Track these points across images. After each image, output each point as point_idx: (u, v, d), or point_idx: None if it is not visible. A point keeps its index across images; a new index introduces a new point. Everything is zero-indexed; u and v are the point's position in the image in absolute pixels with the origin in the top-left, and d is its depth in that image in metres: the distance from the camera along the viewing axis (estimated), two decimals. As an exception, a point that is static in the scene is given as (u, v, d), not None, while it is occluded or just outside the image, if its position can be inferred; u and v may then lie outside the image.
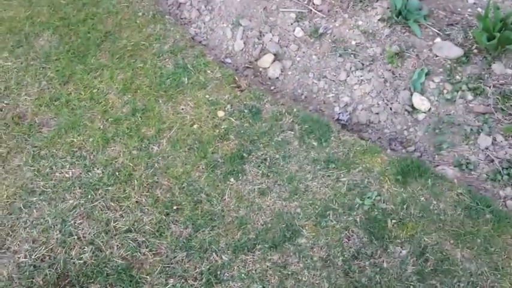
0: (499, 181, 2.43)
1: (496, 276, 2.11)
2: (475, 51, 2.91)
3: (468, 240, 2.21)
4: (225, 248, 2.29)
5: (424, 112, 2.77)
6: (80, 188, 2.54)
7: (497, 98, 2.70)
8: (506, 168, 2.46)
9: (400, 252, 2.21)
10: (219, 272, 2.22)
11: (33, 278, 2.23)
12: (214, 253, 2.28)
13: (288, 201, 2.42)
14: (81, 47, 3.28)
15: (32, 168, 2.64)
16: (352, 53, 3.06)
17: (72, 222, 2.41)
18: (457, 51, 2.89)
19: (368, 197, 2.38)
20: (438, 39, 3.00)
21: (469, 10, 3.17)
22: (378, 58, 3.00)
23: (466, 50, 2.91)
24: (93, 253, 2.30)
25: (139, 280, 2.20)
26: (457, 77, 2.82)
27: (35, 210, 2.47)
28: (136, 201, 2.47)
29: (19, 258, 2.31)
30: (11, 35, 3.39)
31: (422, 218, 2.30)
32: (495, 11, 2.82)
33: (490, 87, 2.73)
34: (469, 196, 2.33)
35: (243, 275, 2.20)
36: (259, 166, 2.57)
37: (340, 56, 3.07)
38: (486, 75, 2.79)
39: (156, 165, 2.62)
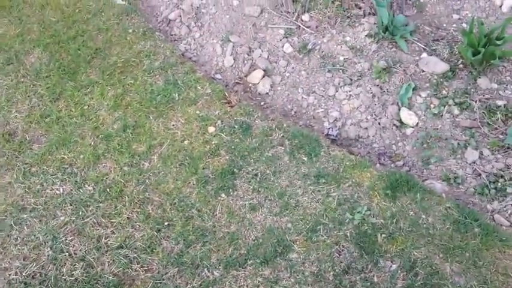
0: (486, 195, 2.47)
1: (485, 289, 2.14)
2: (461, 66, 2.95)
3: (457, 254, 2.23)
4: (217, 263, 2.30)
5: (412, 127, 2.80)
6: (71, 205, 2.55)
7: (483, 113, 2.74)
8: (493, 182, 2.50)
9: (391, 266, 2.23)
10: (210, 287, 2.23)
11: (24, 296, 2.23)
12: (205, 269, 2.29)
13: (278, 216, 2.44)
14: (72, 64, 3.29)
15: (23, 185, 2.65)
16: (340, 69, 3.10)
17: (63, 239, 2.42)
18: (443, 67, 2.94)
19: (358, 212, 2.40)
20: (424, 55, 3.05)
21: (454, 25, 3.23)
22: (366, 73, 3.04)
23: (452, 65, 2.95)
24: (84, 270, 2.30)
25: (131, 297, 2.21)
26: (444, 91, 2.87)
27: (25, 227, 2.47)
28: (128, 218, 2.48)
29: (10, 275, 2.31)
30: (1, 53, 3.40)
31: (411, 232, 2.32)
32: (479, 26, 2.87)
33: (476, 102, 2.78)
34: (457, 210, 2.36)
35: (234, 290, 2.22)
36: (250, 181, 2.59)
37: (329, 71, 3.11)
38: (472, 90, 2.84)
39: (147, 181, 2.63)
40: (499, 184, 2.48)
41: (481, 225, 2.29)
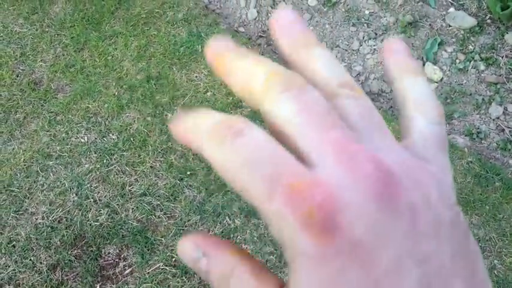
0: (509, 150, 2.46)
1: (504, 242, 2.16)
2: (489, 21, 2.90)
3: (477, 207, 2.24)
4: (238, 212, 2.34)
5: (437, 82, 2.78)
6: (95, 153, 2.59)
7: (510, 68, 2.70)
8: (517, 138, 2.49)
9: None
10: (232, 235, 2.27)
11: (50, 239, 2.30)
12: (227, 217, 2.33)
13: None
14: (96, 14, 3.30)
15: (48, 133, 2.70)
16: (365, 23, 3.07)
17: (88, 185, 2.47)
18: (470, 21, 2.89)
19: (379, 165, 2.41)
20: (452, 9, 2.99)
21: (484, -20, 3.16)
22: (391, 28, 3.00)
23: (480, 20, 2.90)
24: (109, 215, 2.36)
25: (154, 242, 2.27)
26: (470, 47, 2.83)
27: (51, 174, 2.53)
28: (151, 166, 2.52)
29: (37, 219, 2.37)
30: (26, 2, 3.41)
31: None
32: (510, -20, 2.81)
33: (502, 58, 2.74)
34: (479, 164, 2.36)
35: (255, 238, 2.26)
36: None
37: (354, 25, 3.07)
38: (499, 46, 2.80)
39: (170, 131, 2.66)
40: (523, 140, 2.47)
41: (502, 180, 2.29)
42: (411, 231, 0.22)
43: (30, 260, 2.23)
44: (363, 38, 3.02)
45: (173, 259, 2.23)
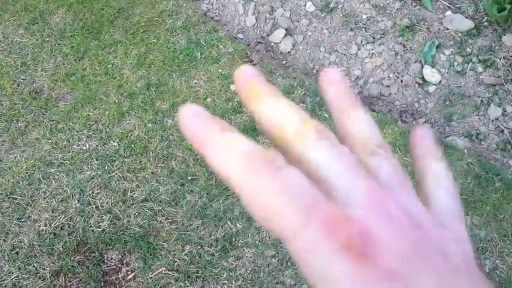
0: (508, 151, 2.47)
1: (505, 242, 2.16)
2: (486, 23, 2.92)
3: (478, 208, 2.25)
4: (239, 216, 2.35)
5: (435, 84, 2.80)
6: (97, 160, 2.61)
7: (508, 70, 2.72)
8: (516, 138, 2.50)
9: (411, 219, 2.25)
10: (233, 239, 2.28)
11: (53, 245, 2.31)
12: (228, 221, 2.34)
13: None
14: (95, 23, 3.32)
15: (50, 141, 2.71)
16: (363, 27, 3.09)
17: (90, 192, 2.48)
18: (467, 24, 2.91)
19: (379, 167, 2.42)
20: (449, 12, 3.02)
21: (480, -17, 3.18)
22: (389, 31, 3.02)
23: (477, 23, 2.92)
24: (111, 221, 2.37)
25: (156, 247, 2.27)
26: (468, 49, 2.85)
27: (53, 181, 2.54)
28: (152, 172, 2.54)
29: (39, 226, 2.38)
30: (26, 13, 3.44)
31: (432, 186, 2.34)
32: (506, -17, 2.84)
33: (500, 59, 2.76)
34: (479, 165, 2.37)
35: (257, 241, 2.27)
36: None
37: (351, 30, 3.10)
38: (496, 47, 2.81)
39: (170, 137, 2.68)
40: (522, 140, 2.48)
41: (502, 180, 2.30)
42: (442, 267, 0.25)
43: (34, 266, 2.24)
44: (361, 42, 3.04)
45: (175, 264, 2.23)
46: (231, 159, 0.27)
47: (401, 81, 2.86)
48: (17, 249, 2.29)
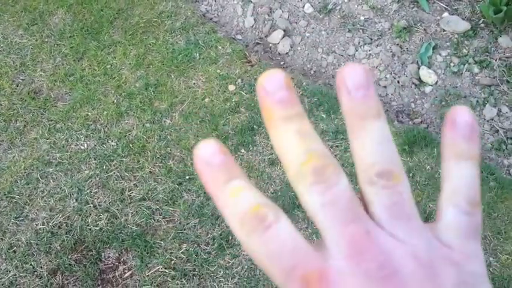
0: (503, 150, 2.48)
1: (499, 239, 2.18)
2: (482, 25, 2.94)
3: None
4: (236, 215, 2.36)
5: (431, 85, 2.81)
6: (95, 159, 2.62)
7: (503, 71, 2.74)
8: (511, 138, 2.51)
9: (406, 218, 2.27)
10: (230, 237, 2.30)
11: (51, 244, 2.32)
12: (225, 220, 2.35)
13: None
14: (95, 24, 3.34)
15: (48, 140, 2.73)
16: (360, 28, 3.11)
17: (88, 191, 2.50)
18: (464, 25, 2.93)
19: (375, 167, 2.43)
20: (446, 14, 3.03)
21: (477, -15, 3.20)
22: (386, 33, 3.04)
23: (473, 24, 2.94)
24: (108, 220, 2.39)
25: (153, 245, 2.29)
26: (464, 50, 2.86)
27: (51, 180, 2.56)
28: (150, 172, 2.55)
29: (37, 225, 2.40)
30: (25, 13, 3.46)
31: (427, 185, 2.35)
32: (502, -16, 2.85)
33: (496, 60, 2.77)
34: (474, 165, 2.38)
35: (253, 240, 2.28)
36: (269, 137, 2.63)
37: (349, 31, 3.11)
38: (492, 49, 2.83)
39: (168, 137, 2.69)
40: (517, 140, 2.50)
41: (496, 179, 2.32)
42: None
43: (31, 264, 2.25)
44: (359, 43, 3.05)
45: (172, 262, 2.25)
46: (229, 218, 0.29)
47: (398, 81, 2.88)
48: (15, 247, 2.30)
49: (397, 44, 2.98)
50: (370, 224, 0.28)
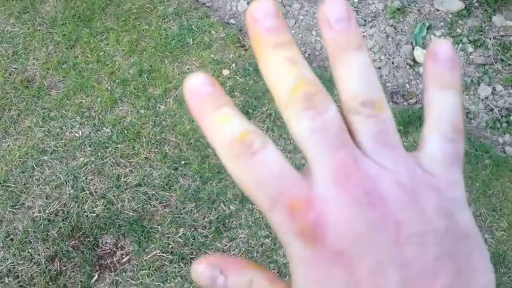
0: (498, 129, 2.49)
1: (494, 217, 2.18)
2: (476, 4, 2.93)
3: (467, 185, 2.27)
4: (232, 198, 2.36)
5: (426, 65, 2.80)
6: (90, 147, 2.62)
7: (497, 49, 2.73)
8: (505, 116, 2.51)
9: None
10: (227, 221, 2.30)
11: (48, 231, 2.32)
12: (222, 203, 2.35)
13: (293, 153, 2.49)
14: (87, 11, 3.32)
15: (43, 129, 2.72)
16: (354, 10, 3.09)
17: (84, 178, 2.49)
18: (458, 5, 2.92)
19: (370, 147, 2.43)
20: (439, -6, 3.02)
21: (470, -36, 3.19)
22: (380, 14, 3.03)
23: (467, 4, 2.93)
24: (105, 206, 2.38)
25: (150, 230, 2.29)
26: (458, 30, 2.85)
27: (47, 168, 2.55)
28: (146, 157, 2.55)
29: (33, 213, 2.39)
30: (16, 1, 3.43)
31: (423, 165, 2.36)
32: (495, -37, 2.84)
33: (490, 39, 2.77)
34: (469, 143, 2.39)
35: (250, 222, 2.28)
36: (264, 121, 2.63)
37: (342, 13, 3.09)
38: (486, 28, 2.82)
39: (163, 123, 2.69)
40: (511, 118, 2.50)
41: (491, 157, 2.32)
42: (393, 242, 0.26)
43: (28, 252, 2.25)
44: (352, 25, 3.04)
45: (169, 246, 2.25)
46: (217, 145, 0.29)
47: (393, 62, 2.87)
48: (12, 235, 2.30)
49: (391, 25, 2.97)
50: (357, 153, 0.28)
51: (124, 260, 2.23)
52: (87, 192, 2.43)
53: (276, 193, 0.27)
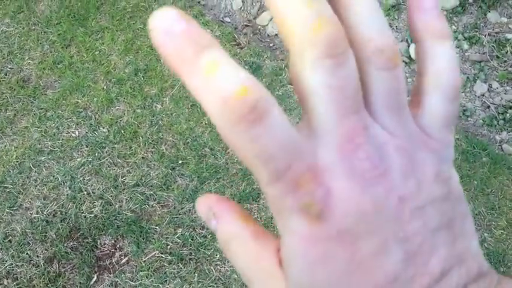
0: (495, 126, 2.50)
1: (493, 215, 2.20)
2: (470, 1, 2.94)
3: (466, 183, 2.28)
4: (231, 198, 2.36)
5: (422, 63, 2.81)
6: (87, 147, 2.61)
7: (493, 46, 2.74)
8: (502, 113, 2.52)
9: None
10: (225, 221, 2.30)
11: (46, 232, 2.31)
12: (220, 203, 2.35)
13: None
14: (81, 10, 3.31)
15: (39, 129, 2.71)
16: (349, 8, 3.09)
17: (81, 178, 2.49)
18: (452, 2, 2.92)
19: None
20: (434, -9, 3.02)
21: (465, -39, 3.19)
22: (375, 11, 3.03)
23: (462, 0, 2.94)
24: (103, 207, 2.38)
25: (148, 231, 2.29)
26: (453, 27, 2.86)
27: (44, 169, 2.54)
28: (143, 157, 2.54)
29: (31, 214, 2.39)
30: (11, 1, 3.41)
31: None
32: (490, -40, 2.85)
33: (485, 36, 2.77)
34: (466, 141, 2.40)
35: (248, 222, 2.28)
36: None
37: (338, 10, 3.10)
38: (481, 24, 2.83)
39: (160, 122, 2.68)
40: (508, 115, 2.51)
41: (489, 155, 2.33)
42: (396, 219, 0.25)
43: (27, 253, 2.25)
44: (348, 22, 3.04)
45: (168, 247, 2.25)
46: (206, 102, 0.23)
47: (388, 60, 2.87)
48: (10, 237, 2.30)
49: (387, 23, 2.97)
50: (368, 118, 0.26)
51: (123, 261, 2.23)
52: (85, 192, 2.43)
53: (284, 168, 0.23)
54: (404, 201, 0.25)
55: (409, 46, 2.86)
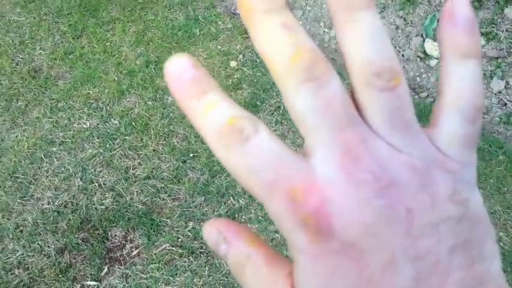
0: (511, 123, 2.47)
1: (509, 214, 2.17)
2: (487, -4, 2.91)
3: (481, 181, 2.26)
4: (242, 192, 2.35)
5: (437, 58, 2.78)
6: (98, 138, 2.60)
7: (510, 42, 2.71)
8: (519, 111, 2.50)
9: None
10: (236, 215, 2.29)
11: (57, 223, 2.31)
12: (231, 197, 2.34)
13: (302, 146, 2.47)
14: (93, 1, 3.29)
15: (51, 120, 2.70)
16: (363, 1, 3.06)
17: (92, 170, 2.48)
18: (469, -3, 2.89)
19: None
20: (450, -15, 2.99)
21: (481, -45, 3.15)
22: (390, 5, 3.00)
23: (478, -5, 2.91)
24: (114, 199, 2.37)
25: (159, 223, 2.28)
26: (469, 22, 2.82)
27: (55, 160, 2.53)
28: (154, 150, 2.53)
29: (43, 204, 2.38)
30: (22, -10, 3.40)
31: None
32: (508, -46, 2.81)
33: (502, 32, 2.74)
34: (482, 139, 2.37)
35: (260, 217, 2.27)
36: (272, 114, 2.62)
37: (352, 4, 3.07)
38: (499, 20, 2.80)
39: (171, 114, 2.67)
40: (524, 112, 2.48)
41: (505, 153, 2.30)
42: (406, 233, 0.24)
43: (38, 244, 2.24)
44: (362, 16, 3.01)
45: (179, 240, 2.24)
46: (206, 134, 0.26)
47: (403, 55, 2.85)
48: (21, 227, 2.29)
49: (401, 17, 2.94)
50: (367, 131, 0.25)
51: (134, 253, 2.22)
52: (96, 184, 2.42)
53: (271, 180, 0.24)
54: (414, 215, 0.24)
55: (424, 41, 2.83)
